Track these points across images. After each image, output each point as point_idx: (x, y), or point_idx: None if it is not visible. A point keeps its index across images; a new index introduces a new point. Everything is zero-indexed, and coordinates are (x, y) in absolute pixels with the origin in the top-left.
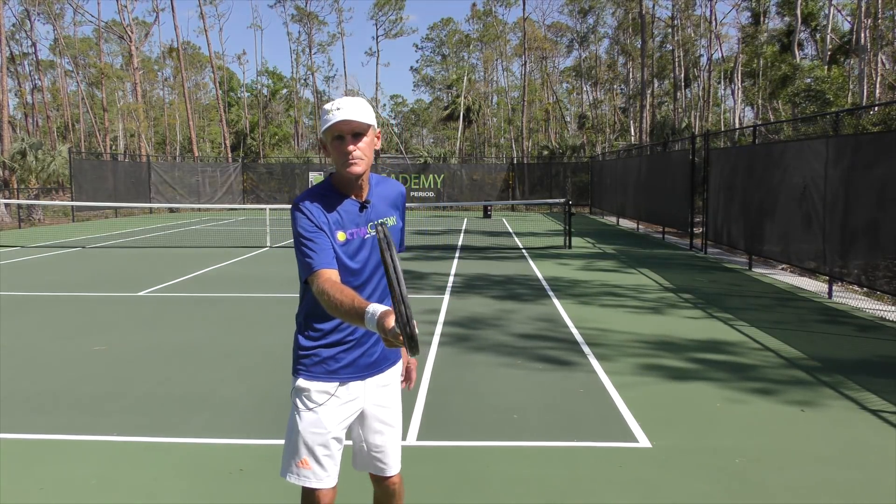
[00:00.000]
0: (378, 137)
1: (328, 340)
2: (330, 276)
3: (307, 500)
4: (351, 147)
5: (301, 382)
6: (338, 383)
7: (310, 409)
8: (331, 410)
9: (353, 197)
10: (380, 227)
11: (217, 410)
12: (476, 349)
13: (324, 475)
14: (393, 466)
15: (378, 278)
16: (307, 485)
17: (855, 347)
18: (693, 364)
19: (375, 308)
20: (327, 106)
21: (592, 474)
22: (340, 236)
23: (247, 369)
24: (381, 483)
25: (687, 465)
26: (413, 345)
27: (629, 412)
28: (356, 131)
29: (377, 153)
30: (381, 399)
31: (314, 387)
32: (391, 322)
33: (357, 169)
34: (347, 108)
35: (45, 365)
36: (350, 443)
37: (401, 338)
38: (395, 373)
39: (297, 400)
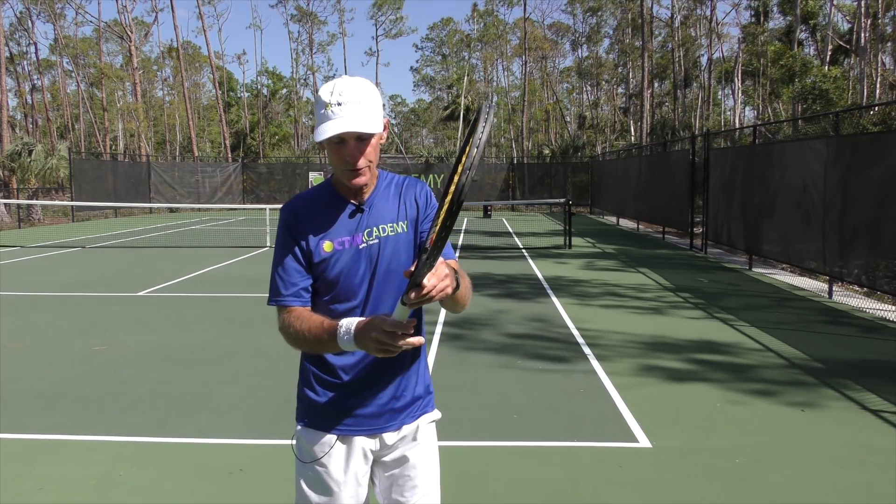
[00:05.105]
0: (385, 128)
1: (315, 381)
2: (293, 311)
3: None
4: (356, 154)
5: (297, 429)
6: (336, 436)
7: (306, 464)
8: (332, 468)
9: (351, 200)
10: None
11: (217, 410)
12: (476, 349)
13: None
14: None
15: (364, 292)
16: None
17: (855, 348)
18: (693, 364)
19: (349, 322)
20: (324, 95)
21: (592, 474)
22: (327, 247)
23: (247, 369)
24: None
25: (687, 465)
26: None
27: (629, 412)
28: (361, 135)
29: (382, 147)
30: (401, 456)
31: (309, 437)
32: (369, 323)
33: (362, 180)
34: (350, 109)
35: (45, 365)
36: None
37: (398, 335)
38: (416, 427)
39: (296, 450)
